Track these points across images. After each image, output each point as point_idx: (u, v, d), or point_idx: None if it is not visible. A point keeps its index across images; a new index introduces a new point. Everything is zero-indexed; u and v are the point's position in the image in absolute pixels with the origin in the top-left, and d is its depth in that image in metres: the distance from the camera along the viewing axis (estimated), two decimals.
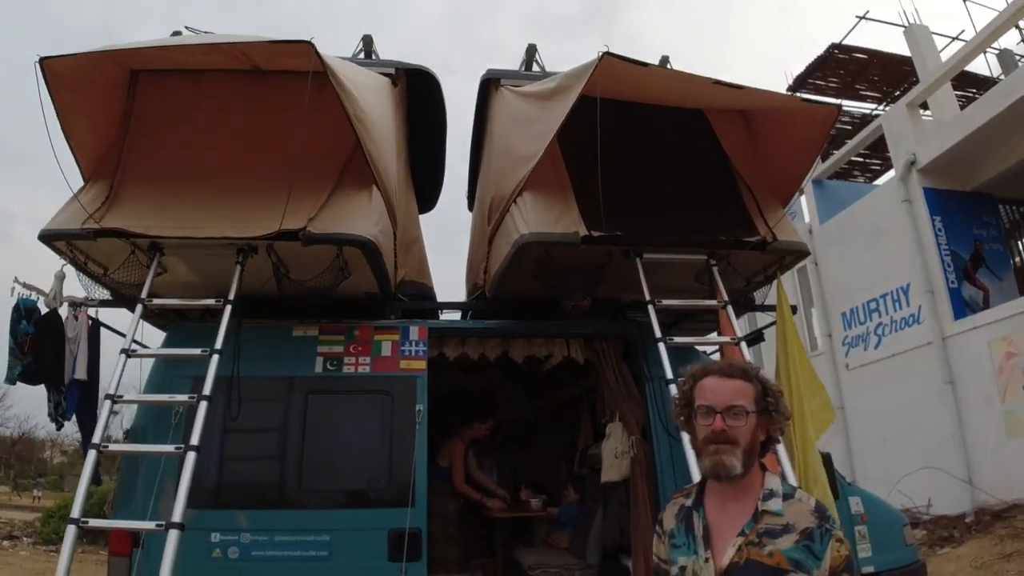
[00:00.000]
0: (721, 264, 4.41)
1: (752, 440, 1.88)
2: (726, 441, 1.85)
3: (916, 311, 10.46)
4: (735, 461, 1.84)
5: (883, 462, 10.71)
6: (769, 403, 1.92)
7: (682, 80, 4.23)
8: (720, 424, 1.86)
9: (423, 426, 4.19)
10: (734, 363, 1.99)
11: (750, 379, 1.93)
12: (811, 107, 4.21)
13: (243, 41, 3.76)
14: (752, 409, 1.88)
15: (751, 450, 1.88)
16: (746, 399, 1.89)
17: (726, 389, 1.90)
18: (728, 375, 1.93)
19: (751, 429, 1.87)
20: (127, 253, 4.00)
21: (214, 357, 3.61)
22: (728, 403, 1.88)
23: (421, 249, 5.72)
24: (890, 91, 13.38)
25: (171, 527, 3.08)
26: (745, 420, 1.86)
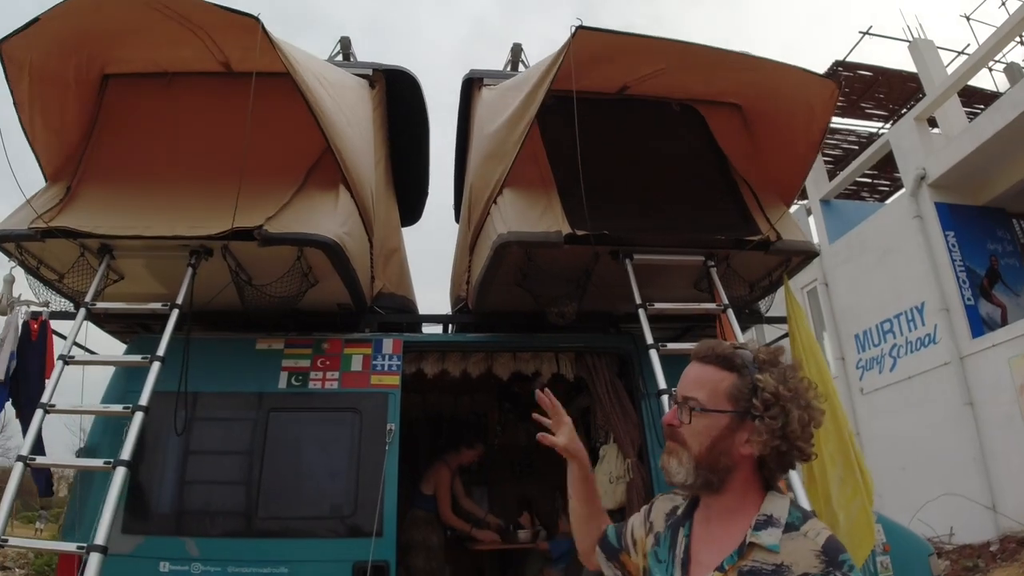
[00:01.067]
0: (721, 266, 4.04)
1: (712, 449, 1.44)
2: (672, 438, 1.49)
3: (932, 330, 10.03)
4: (676, 467, 1.46)
5: (902, 490, 10.19)
6: (754, 406, 1.43)
7: (665, 50, 3.89)
8: (668, 415, 1.50)
9: (394, 447, 3.81)
10: (719, 346, 1.54)
11: (731, 367, 1.47)
12: (813, 79, 3.84)
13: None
14: (720, 406, 1.44)
15: (710, 463, 1.44)
16: (707, 391, 1.46)
17: (689, 375, 1.52)
18: (701, 359, 1.52)
19: (709, 433, 1.44)
20: (78, 256, 3.77)
21: (155, 365, 3.28)
22: (683, 392, 1.49)
23: (402, 260, 5.41)
24: (896, 109, 13.10)
25: (92, 550, 2.74)
26: (690, 418, 1.45)
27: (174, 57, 4.18)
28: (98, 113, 4.21)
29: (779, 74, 3.93)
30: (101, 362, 3.75)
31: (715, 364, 1.49)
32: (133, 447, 3.00)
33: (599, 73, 4.17)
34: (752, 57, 3.82)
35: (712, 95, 4.55)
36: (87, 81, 4.13)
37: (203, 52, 4.06)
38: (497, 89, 4.53)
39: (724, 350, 1.52)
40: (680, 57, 3.90)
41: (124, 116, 4.20)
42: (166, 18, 3.64)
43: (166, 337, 3.38)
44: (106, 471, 2.99)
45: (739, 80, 4.31)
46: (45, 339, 3.99)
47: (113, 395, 3.86)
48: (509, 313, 4.59)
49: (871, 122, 13.61)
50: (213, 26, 3.78)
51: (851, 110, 13.18)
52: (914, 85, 12.05)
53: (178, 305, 3.51)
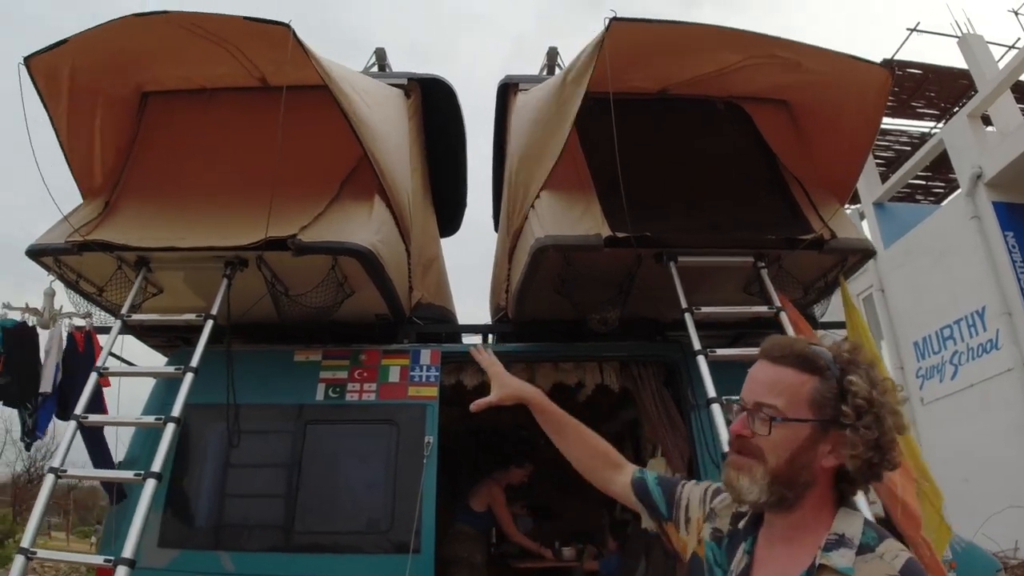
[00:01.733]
0: (772, 267, 3.83)
1: (792, 463, 1.26)
2: (744, 452, 1.29)
3: (994, 335, 9.55)
4: (748, 484, 1.27)
5: (965, 503, 9.65)
6: (843, 414, 1.25)
7: (704, 37, 3.70)
8: (737, 426, 1.30)
9: (432, 460, 3.70)
10: (794, 343, 1.35)
11: (812, 369, 1.28)
12: (863, 66, 3.62)
13: (217, 14, 3.47)
14: (800, 415, 1.26)
15: (788, 478, 1.26)
16: (786, 399, 1.27)
17: (760, 378, 1.32)
18: (774, 359, 1.32)
19: (789, 445, 1.26)
20: (115, 269, 3.80)
21: (188, 376, 3.24)
22: (756, 399, 1.29)
23: (441, 270, 5.33)
24: (948, 107, 12.63)
25: (120, 563, 2.70)
26: (769, 429, 1.26)
27: (211, 74, 4.20)
28: (138, 130, 4.25)
29: (827, 63, 3.73)
30: (135, 374, 3.74)
31: (793, 365, 1.30)
32: (164, 459, 2.96)
33: (637, 74, 4.04)
34: (796, 42, 3.62)
35: (756, 91, 4.36)
36: (126, 99, 4.20)
37: (238, 68, 4.07)
38: (532, 92, 4.42)
39: (802, 348, 1.33)
40: (720, 44, 3.73)
41: (163, 132, 4.24)
42: (198, 37, 3.65)
43: (199, 348, 3.34)
44: (137, 483, 2.95)
45: (784, 74, 4.11)
46: (92, 350, 4.00)
47: (153, 407, 3.84)
48: (550, 322, 4.46)
49: (922, 121, 13.14)
50: (246, 41, 3.77)
51: (901, 110, 12.75)
52: (965, 82, 11.60)
53: (213, 316, 3.47)
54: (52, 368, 3.84)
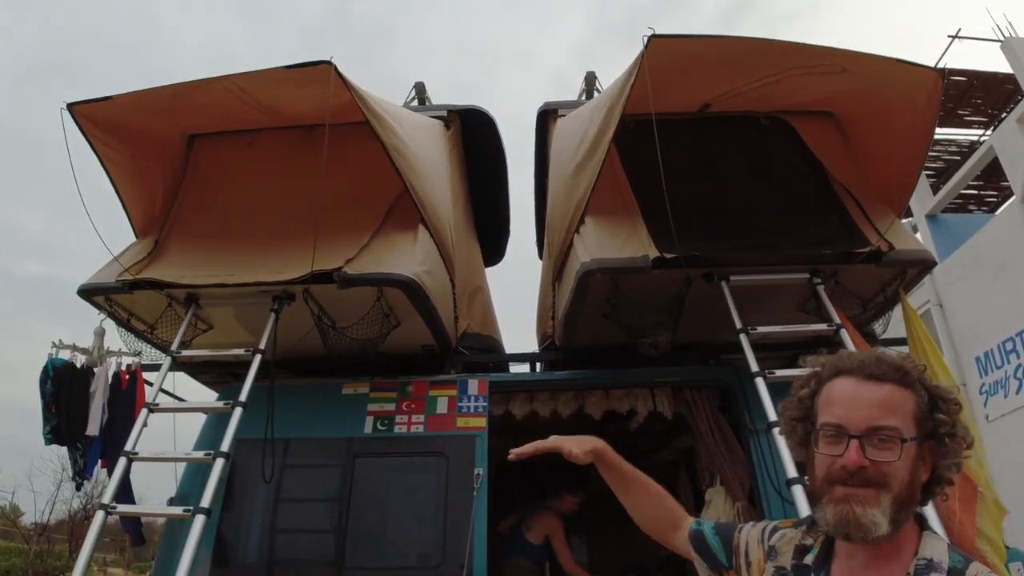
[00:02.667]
0: (828, 283, 3.69)
1: (910, 484, 1.20)
2: (865, 484, 1.18)
3: None
4: (878, 516, 1.17)
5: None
6: (940, 422, 1.22)
7: (746, 51, 3.62)
8: (856, 457, 1.19)
9: (483, 492, 3.62)
10: (883, 357, 1.28)
11: (910, 384, 1.24)
12: (911, 70, 3.49)
13: (258, 71, 3.53)
14: (912, 434, 1.20)
15: (907, 499, 1.20)
16: (902, 417, 1.21)
17: (868, 399, 1.23)
18: (874, 376, 1.24)
19: (909, 466, 1.20)
20: (165, 306, 3.86)
21: (237, 410, 3.24)
22: (871, 423, 1.20)
23: (486, 299, 5.29)
24: (996, 113, 12.30)
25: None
26: (899, 452, 1.18)
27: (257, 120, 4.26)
28: (185, 171, 4.34)
29: (873, 69, 3.61)
30: (184, 409, 3.77)
31: (894, 381, 1.24)
32: (214, 494, 2.96)
33: (678, 92, 3.97)
34: (838, 49, 3.52)
35: (800, 104, 4.25)
36: (174, 143, 4.29)
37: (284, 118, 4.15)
38: (571, 116, 4.39)
39: (898, 362, 1.27)
40: (761, 56, 3.64)
41: (209, 172, 4.33)
42: (244, 103, 3.74)
43: (248, 382, 3.35)
44: (186, 519, 2.94)
45: (828, 84, 4.00)
46: (135, 388, 4.04)
47: (204, 443, 3.85)
48: (598, 348, 4.35)
49: (971, 130, 12.85)
50: (288, 90, 3.81)
51: (948, 119, 12.46)
52: (1011, 87, 11.31)
53: (261, 350, 3.48)
54: (99, 409, 3.88)
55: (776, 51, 3.56)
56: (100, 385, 3.93)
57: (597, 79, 5.22)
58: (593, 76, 5.21)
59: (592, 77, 5.21)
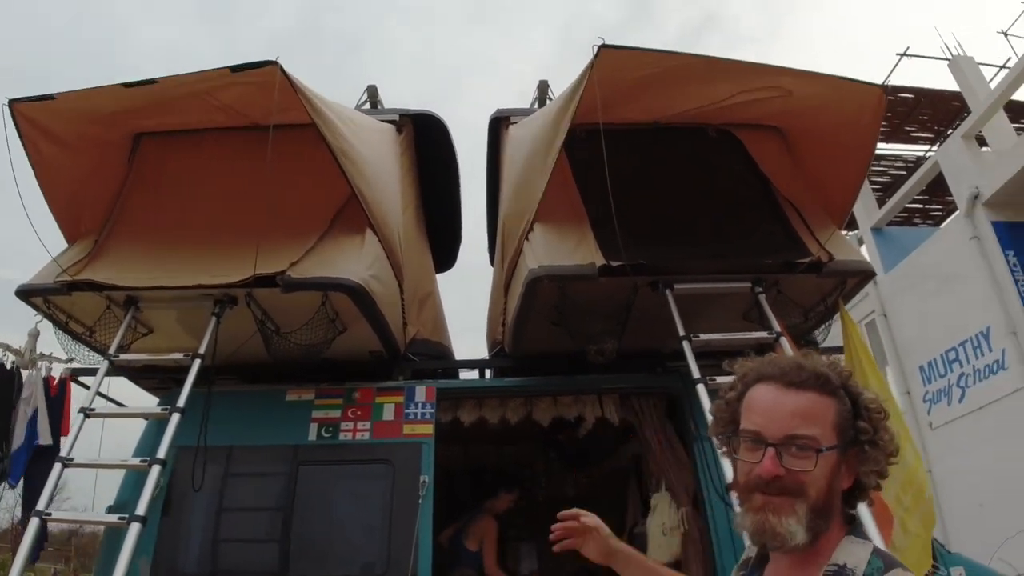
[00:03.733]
0: (770, 292, 3.76)
1: (828, 493, 1.19)
2: (782, 492, 1.18)
3: (1000, 356, 9.43)
4: (793, 525, 1.17)
5: (981, 528, 9.47)
6: (862, 430, 1.22)
7: (696, 68, 3.69)
8: (771, 466, 1.18)
9: (428, 500, 3.60)
10: (807, 363, 1.27)
11: (833, 391, 1.23)
12: (856, 87, 3.60)
13: (204, 72, 3.47)
14: (831, 443, 1.20)
15: (824, 508, 1.19)
16: (820, 425, 1.20)
17: (786, 408, 1.21)
18: (793, 383, 1.23)
19: (827, 474, 1.19)
20: (104, 308, 3.76)
21: (174, 416, 3.17)
22: (789, 432, 1.19)
23: (436, 306, 5.26)
24: (942, 130, 12.69)
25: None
26: (815, 461, 1.17)
27: (205, 120, 4.19)
28: (130, 171, 4.23)
29: (819, 86, 3.71)
30: (121, 414, 3.68)
31: (814, 388, 1.23)
32: (150, 502, 2.89)
33: (629, 106, 4.02)
34: (786, 68, 3.61)
35: (749, 119, 4.34)
36: (117, 143, 4.19)
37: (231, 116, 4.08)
38: (522, 124, 4.41)
39: (820, 369, 1.26)
40: (711, 74, 3.71)
41: (154, 172, 4.23)
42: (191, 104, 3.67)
43: (187, 388, 3.29)
44: (121, 527, 2.86)
45: (776, 102, 4.09)
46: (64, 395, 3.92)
47: (144, 450, 3.76)
48: (547, 355, 4.37)
49: (917, 145, 13.22)
50: (236, 91, 3.75)
51: (895, 135, 12.82)
52: (958, 104, 11.68)
53: (200, 355, 3.42)
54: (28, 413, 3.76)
55: (725, 69, 3.62)
56: (39, 391, 3.80)
57: (549, 87, 5.25)
58: (545, 84, 5.24)
59: (544, 85, 5.24)
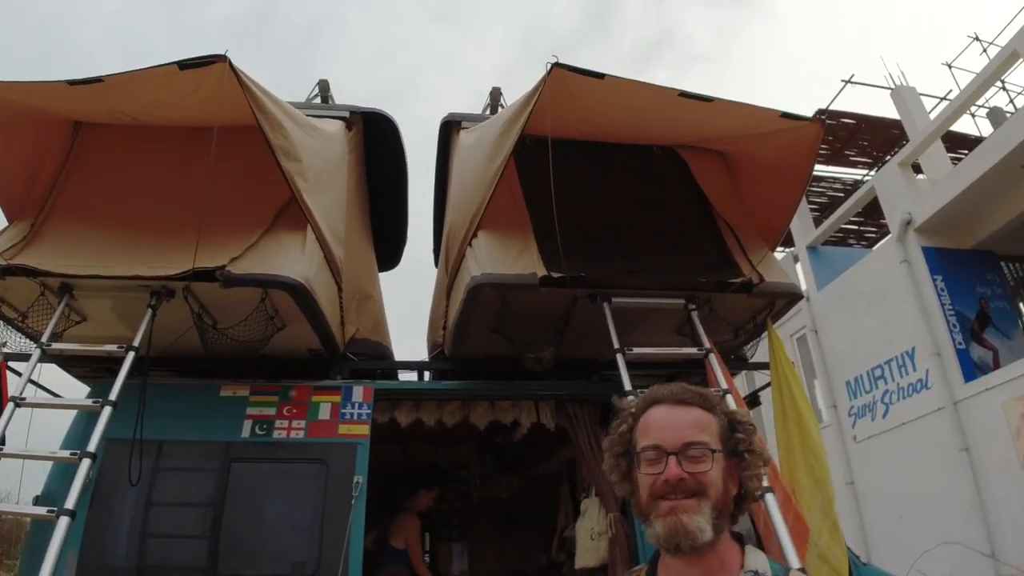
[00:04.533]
0: (702, 310, 3.91)
1: (724, 492, 1.33)
2: (687, 494, 1.29)
3: (924, 376, 9.88)
4: (702, 522, 1.28)
5: (900, 539, 9.93)
6: (739, 441, 1.37)
7: (645, 95, 3.81)
8: (676, 470, 1.30)
9: (361, 501, 3.62)
10: (687, 387, 1.44)
11: (712, 408, 1.39)
12: (793, 126, 3.78)
13: (150, 70, 3.41)
14: (718, 447, 1.34)
15: (723, 507, 1.32)
16: (709, 434, 1.35)
17: (680, 420, 1.36)
18: (683, 402, 1.39)
19: (721, 475, 1.33)
20: (38, 294, 3.66)
21: (106, 410, 3.13)
22: (685, 439, 1.32)
23: (378, 306, 5.26)
24: (880, 156, 13.19)
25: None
26: (711, 462, 1.31)
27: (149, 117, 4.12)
28: (68, 156, 4.14)
29: (762, 119, 3.86)
30: (51, 405, 3.59)
31: (699, 405, 1.39)
32: (79, 495, 2.85)
33: (577, 121, 4.11)
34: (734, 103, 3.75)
35: (694, 141, 4.48)
36: (56, 126, 4.09)
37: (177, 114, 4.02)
38: (474, 130, 4.46)
39: (701, 391, 1.43)
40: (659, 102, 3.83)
41: (94, 159, 4.14)
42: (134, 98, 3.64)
43: (119, 381, 3.23)
44: (50, 520, 2.80)
45: (722, 126, 4.24)
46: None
47: (73, 441, 3.65)
48: (486, 359, 4.43)
49: (855, 169, 13.70)
50: (183, 89, 3.69)
51: (835, 158, 13.27)
52: (897, 132, 12.14)
53: (134, 347, 3.36)
54: None
55: (672, 100, 3.73)
56: None
57: (502, 94, 5.31)
58: (498, 91, 5.30)
59: (497, 92, 5.30)
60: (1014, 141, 8.56)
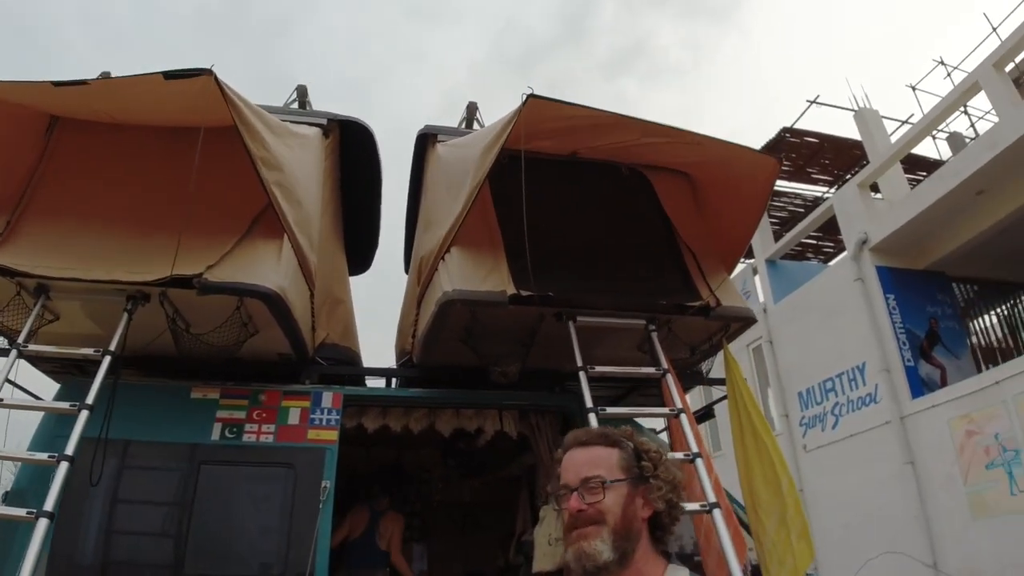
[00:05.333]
0: (662, 331, 4.10)
1: (624, 517, 1.49)
2: (588, 523, 1.48)
3: (873, 390, 10.26)
4: (600, 545, 1.45)
5: (845, 547, 10.29)
6: (644, 468, 1.56)
7: (613, 124, 4.00)
8: (575, 503, 1.50)
9: (328, 505, 3.73)
10: (592, 429, 1.68)
11: (613, 443, 1.59)
12: (752, 157, 4.00)
13: (135, 78, 3.47)
14: (617, 477, 1.52)
15: (625, 531, 1.48)
16: (605, 468, 1.53)
17: (578, 460, 1.56)
18: (583, 442, 1.60)
19: (620, 502, 1.50)
20: (13, 294, 3.67)
21: (83, 413, 3.19)
22: (581, 475, 1.52)
23: (347, 311, 5.34)
24: (841, 174, 13.58)
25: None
26: (603, 493, 1.49)
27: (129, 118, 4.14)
28: (44, 152, 4.14)
29: (725, 150, 4.07)
30: (29, 407, 3.61)
31: (599, 443, 1.58)
32: (58, 497, 2.90)
33: (549, 141, 4.26)
34: (701, 136, 3.94)
35: (662, 163, 4.67)
36: (31, 118, 4.08)
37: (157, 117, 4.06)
38: (450, 146, 4.58)
39: (601, 430, 1.64)
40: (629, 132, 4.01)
41: (70, 157, 4.15)
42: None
43: (96, 384, 3.28)
44: (28, 522, 2.86)
45: (688, 153, 4.44)
46: None
47: (42, 439, 3.72)
48: (453, 368, 4.56)
49: (816, 186, 14.07)
50: (165, 97, 3.74)
51: (797, 174, 13.62)
52: (858, 152, 12.50)
53: (111, 352, 3.42)
54: None
55: (643, 129, 3.91)
56: None
57: (478, 109, 5.44)
58: (474, 106, 5.43)
59: (473, 107, 5.43)
60: (970, 169, 8.92)
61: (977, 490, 8.60)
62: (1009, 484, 8.17)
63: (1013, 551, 8.00)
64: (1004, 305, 11.93)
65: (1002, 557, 8.14)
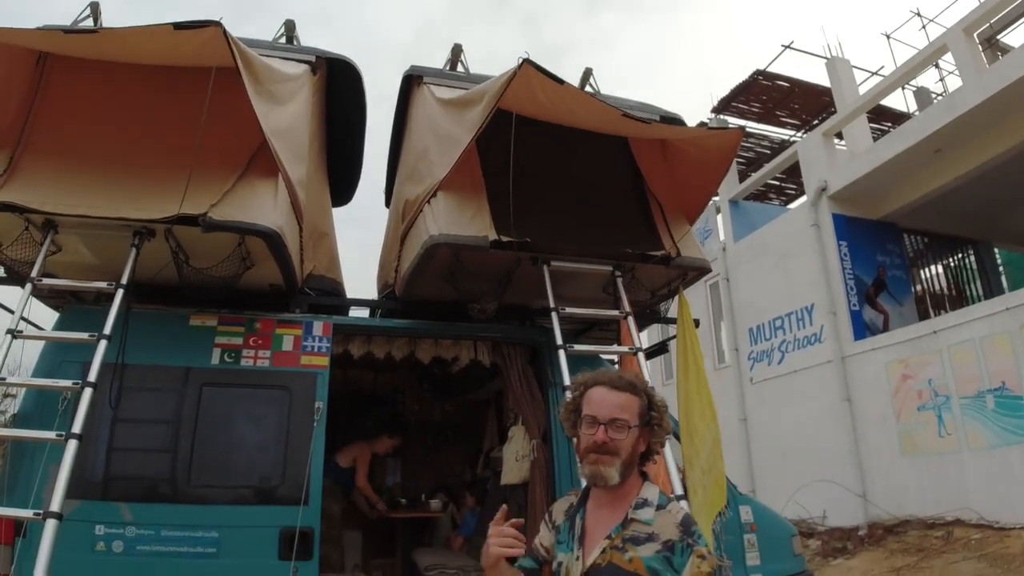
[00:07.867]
0: (626, 276, 4.50)
1: (632, 452, 1.94)
2: (607, 452, 1.91)
3: (818, 331, 10.89)
4: (613, 472, 1.90)
5: (782, 474, 11.09)
6: (653, 417, 1.99)
7: (594, 108, 4.31)
8: (602, 436, 1.91)
9: (321, 424, 4.12)
10: (624, 376, 2.04)
11: (637, 393, 1.99)
12: (719, 134, 4.37)
13: (145, 28, 3.60)
14: (635, 423, 1.94)
15: (630, 461, 1.94)
16: (630, 413, 1.95)
17: (611, 402, 1.95)
18: (616, 387, 1.98)
19: (632, 442, 1.93)
20: (21, 229, 3.84)
21: (101, 343, 3.47)
22: (612, 416, 1.93)
23: (332, 244, 5.61)
24: (809, 120, 13.90)
25: (48, 516, 2.96)
26: (627, 433, 1.92)
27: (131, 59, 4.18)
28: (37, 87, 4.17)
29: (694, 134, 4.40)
30: (48, 337, 3.86)
31: (628, 391, 1.98)
32: (84, 420, 3.19)
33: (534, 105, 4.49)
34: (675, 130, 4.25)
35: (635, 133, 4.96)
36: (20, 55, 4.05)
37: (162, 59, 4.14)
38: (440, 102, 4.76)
39: (633, 380, 2.03)
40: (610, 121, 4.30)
41: (66, 92, 4.19)
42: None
43: (112, 316, 3.54)
44: (59, 443, 3.16)
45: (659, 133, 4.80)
46: None
47: (45, 364, 3.96)
48: (433, 302, 4.92)
49: (784, 130, 14.39)
50: (172, 47, 3.83)
51: (767, 116, 13.91)
52: (828, 99, 12.80)
53: (124, 285, 3.66)
54: None
55: (618, 119, 4.22)
56: None
57: (463, 51, 5.60)
58: (459, 48, 5.58)
59: (458, 49, 5.57)
60: (930, 129, 9.30)
61: (907, 429, 9.31)
62: (938, 426, 8.88)
63: (937, 486, 8.76)
64: (952, 258, 12.57)
65: (926, 491, 8.90)
